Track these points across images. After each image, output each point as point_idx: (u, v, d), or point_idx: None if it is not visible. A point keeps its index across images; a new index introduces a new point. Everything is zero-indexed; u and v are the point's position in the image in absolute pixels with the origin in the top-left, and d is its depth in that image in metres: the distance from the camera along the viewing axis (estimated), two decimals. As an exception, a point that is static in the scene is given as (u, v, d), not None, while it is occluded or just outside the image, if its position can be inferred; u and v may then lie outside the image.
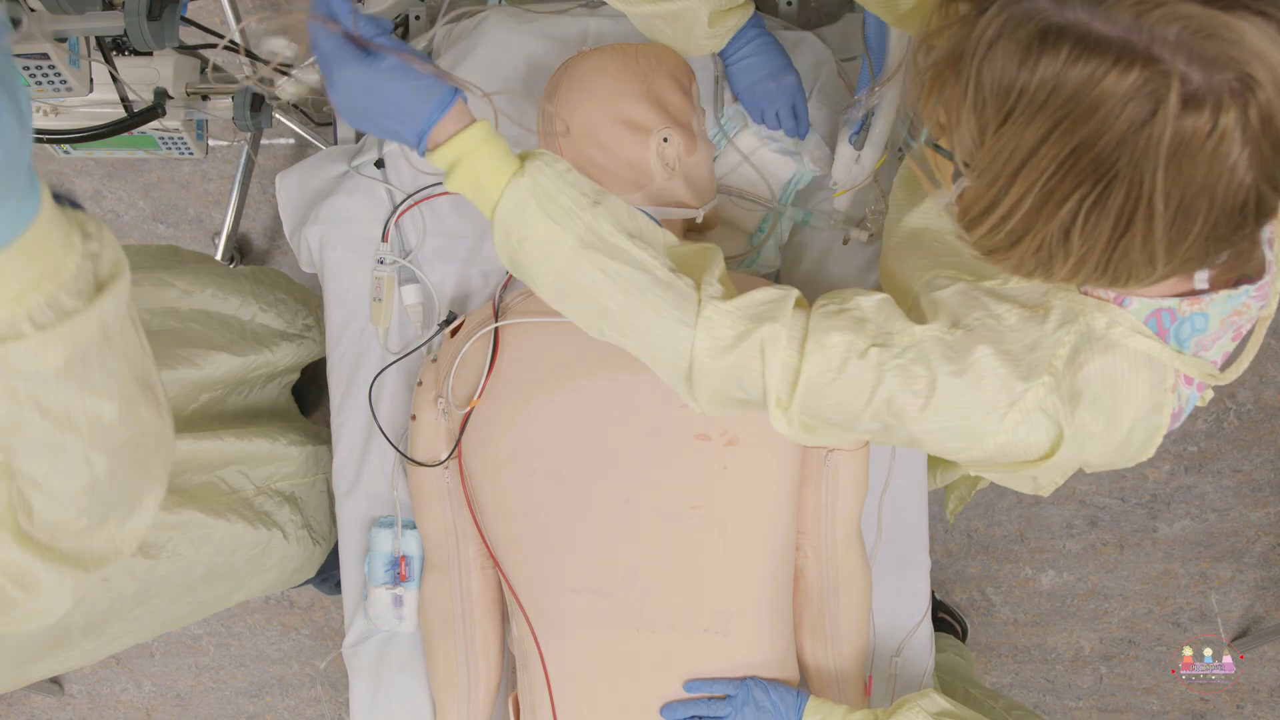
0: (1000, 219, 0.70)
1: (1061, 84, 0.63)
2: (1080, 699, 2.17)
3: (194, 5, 1.88)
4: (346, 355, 1.34)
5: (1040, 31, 0.63)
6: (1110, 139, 0.63)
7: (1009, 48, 0.64)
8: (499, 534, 1.20)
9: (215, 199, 2.12)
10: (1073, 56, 0.62)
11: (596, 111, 1.14)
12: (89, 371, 0.60)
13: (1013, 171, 0.67)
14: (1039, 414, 0.82)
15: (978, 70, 0.66)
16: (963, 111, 0.69)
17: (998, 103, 0.66)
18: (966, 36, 0.67)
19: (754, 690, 1.16)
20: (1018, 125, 0.66)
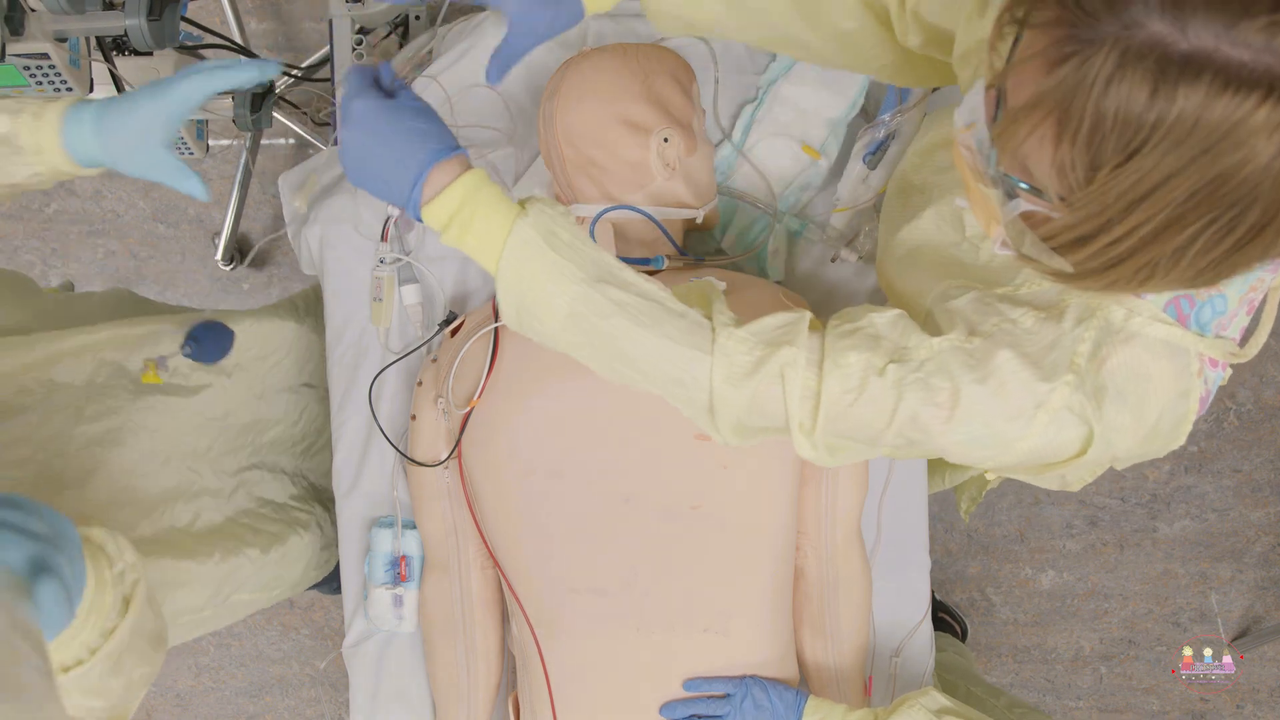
0: (1104, 247, 0.66)
1: (1203, 117, 0.58)
2: (1080, 699, 2.17)
3: (194, 5, 1.88)
4: (346, 355, 1.34)
5: (1170, 62, 0.58)
6: (1254, 168, 0.59)
7: (1134, 82, 0.59)
8: (499, 534, 1.20)
9: (215, 199, 2.13)
10: (1214, 89, 0.57)
11: (597, 111, 1.14)
12: (121, 660, 0.78)
13: (1130, 204, 0.63)
14: (1066, 413, 0.81)
15: (1095, 108, 0.60)
16: (1068, 150, 0.63)
17: (1121, 140, 0.61)
18: (1076, 72, 0.61)
19: (753, 689, 1.16)
20: (1146, 160, 0.61)
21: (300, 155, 2.12)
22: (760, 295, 1.20)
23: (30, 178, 0.90)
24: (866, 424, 0.86)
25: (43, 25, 1.16)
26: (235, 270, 2.12)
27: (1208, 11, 0.56)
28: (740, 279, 1.20)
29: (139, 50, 1.25)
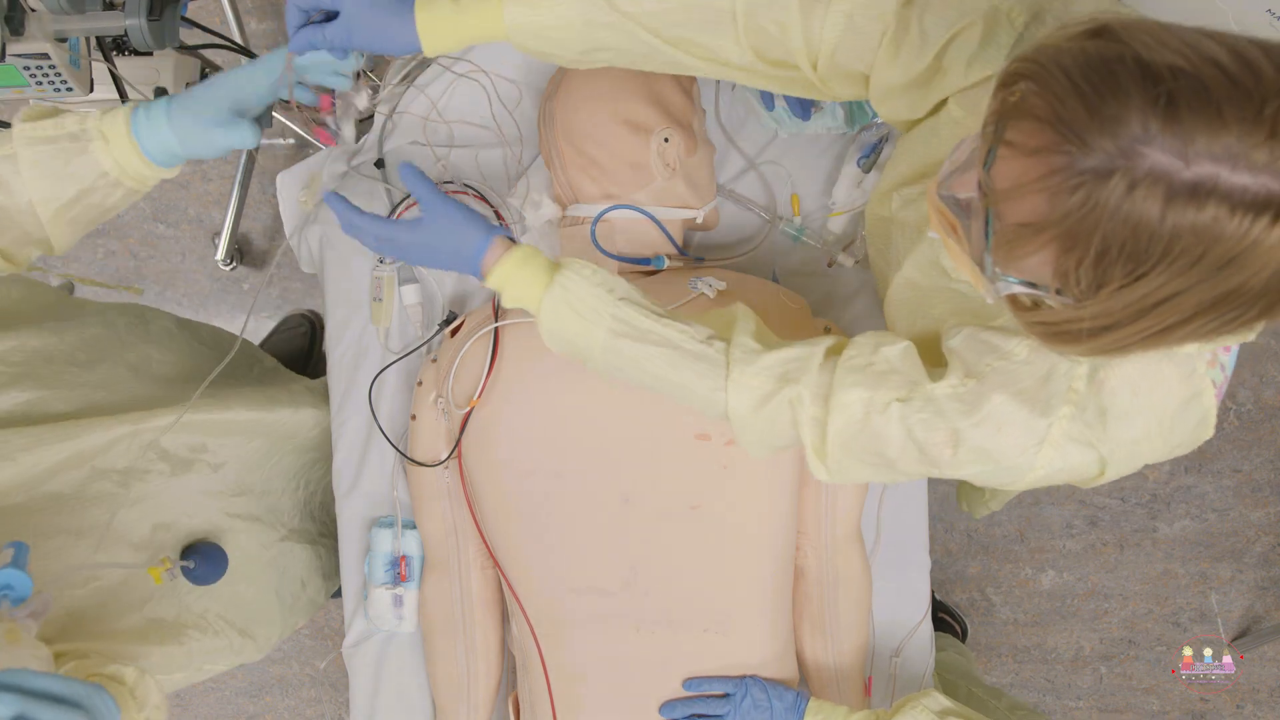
0: (1109, 344, 0.67)
1: (1214, 240, 0.58)
2: (1080, 699, 2.17)
3: (194, 5, 1.88)
4: (346, 355, 1.34)
5: (1177, 191, 0.58)
6: (1259, 280, 0.60)
7: (1141, 211, 0.59)
8: (499, 534, 1.20)
9: (215, 199, 2.12)
10: (1221, 214, 0.58)
11: (598, 111, 1.14)
12: None
13: (1137, 314, 0.64)
14: (1070, 443, 0.82)
15: (1102, 236, 0.61)
16: (1073, 268, 0.64)
17: (1129, 264, 0.62)
18: (1084, 202, 0.60)
19: (753, 689, 1.16)
20: (1154, 280, 0.61)
21: (300, 155, 2.12)
22: (760, 295, 1.20)
23: (99, 180, 0.92)
24: (876, 452, 0.90)
25: (43, 25, 1.16)
26: (235, 270, 2.12)
27: (1208, 138, 0.57)
28: (740, 279, 1.21)
29: (139, 50, 1.25)
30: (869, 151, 1.22)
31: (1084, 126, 0.59)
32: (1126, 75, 0.59)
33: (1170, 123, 0.57)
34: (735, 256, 1.31)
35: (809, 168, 1.31)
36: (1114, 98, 0.59)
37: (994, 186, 0.65)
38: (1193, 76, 0.58)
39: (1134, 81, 0.58)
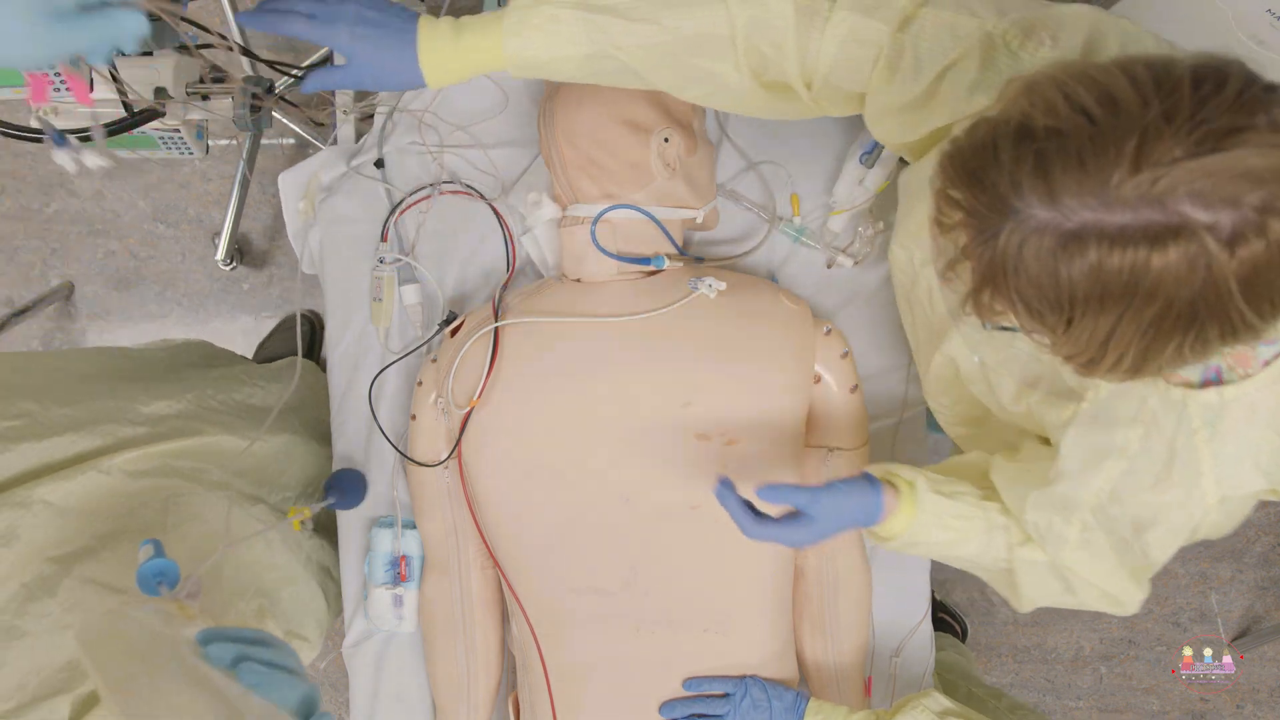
0: (1108, 370, 0.70)
1: (1108, 279, 0.63)
2: (1080, 699, 2.17)
3: (194, 5, 1.88)
4: (346, 355, 1.34)
5: (1060, 242, 0.63)
6: (1182, 302, 0.63)
7: (1038, 262, 0.64)
8: (499, 533, 1.20)
9: (215, 199, 2.12)
10: (1103, 253, 0.62)
11: (598, 111, 1.14)
12: None
13: (1100, 345, 0.67)
14: (1234, 499, 0.85)
15: (1017, 290, 0.66)
16: (1023, 317, 0.69)
17: (1054, 311, 0.66)
18: (990, 262, 0.67)
19: (753, 689, 1.16)
20: (1085, 322, 0.66)
21: (300, 155, 2.12)
22: (760, 296, 1.20)
23: None
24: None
25: (42, 25, 1.16)
26: (235, 270, 2.12)
27: (1074, 188, 0.61)
28: (740, 279, 1.20)
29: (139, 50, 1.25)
30: (870, 148, 1.22)
31: (973, 197, 0.66)
32: (1004, 142, 0.65)
33: (1040, 180, 0.62)
34: (735, 256, 1.31)
35: (809, 167, 1.31)
36: (991, 166, 0.65)
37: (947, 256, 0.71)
38: (1058, 132, 0.62)
39: (1008, 147, 0.64)
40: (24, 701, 0.85)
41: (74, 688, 0.89)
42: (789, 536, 0.99)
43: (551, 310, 1.17)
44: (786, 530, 0.99)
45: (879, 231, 1.28)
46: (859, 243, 1.29)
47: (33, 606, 0.89)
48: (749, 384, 1.14)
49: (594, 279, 1.18)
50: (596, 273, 1.18)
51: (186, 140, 1.58)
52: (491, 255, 1.32)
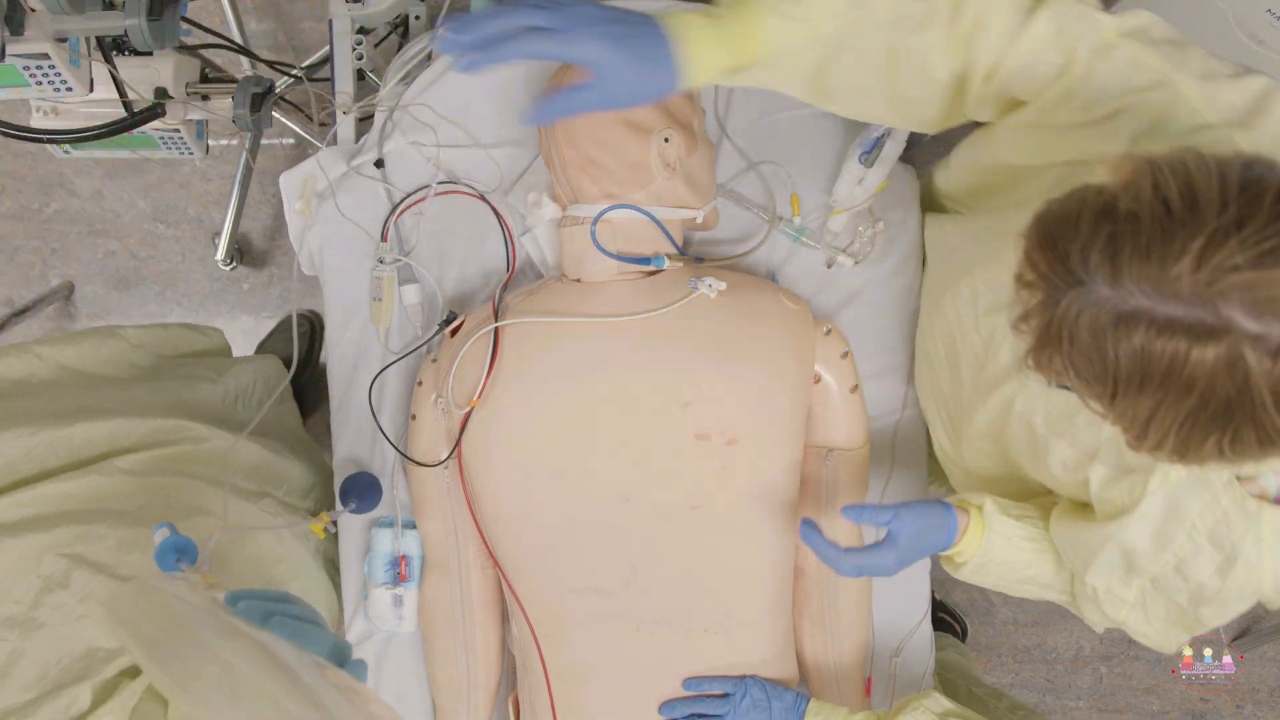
0: (1152, 449, 0.72)
1: (1150, 363, 0.65)
2: (1080, 699, 2.17)
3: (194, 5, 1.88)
4: (346, 355, 1.34)
5: (1114, 320, 0.66)
6: (1218, 402, 0.65)
7: (1090, 335, 0.67)
8: (499, 534, 1.20)
9: (215, 199, 2.12)
10: (1149, 338, 0.64)
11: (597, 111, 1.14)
12: None
13: (1142, 425, 0.70)
14: None
15: (1069, 357, 0.70)
16: (1076, 384, 0.72)
17: (1099, 383, 0.69)
18: (1050, 325, 0.70)
19: (752, 689, 1.16)
20: (1127, 399, 0.68)
21: (300, 155, 2.12)
22: (760, 296, 1.20)
23: None
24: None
25: (43, 25, 1.16)
26: (235, 270, 2.12)
27: (1135, 273, 0.64)
28: (740, 279, 1.21)
29: (139, 50, 1.25)
30: (870, 147, 1.21)
31: (1048, 262, 0.69)
32: (1087, 216, 0.68)
33: (1108, 261, 0.65)
34: (735, 256, 1.31)
35: (809, 167, 1.31)
36: (1071, 237, 0.68)
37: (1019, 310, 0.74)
38: (1136, 217, 0.65)
39: (1089, 222, 0.67)
40: (46, 690, 0.87)
41: (94, 675, 0.90)
42: (876, 563, 1.05)
43: (551, 310, 1.17)
44: (873, 557, 1.04)
45: (878, 231, 1.28)
46: (859, 242, 1.29)
47: (49, 598, 0.90)
48: (749, 384, 1.14)
49: (594, 279, 1.18)
50: (596, 273, 1.18)
51: (186, 140, 1.58)
52: (491, 255, 1.32)
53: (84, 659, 0.90)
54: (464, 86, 1.32)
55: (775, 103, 1.31)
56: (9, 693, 0.85)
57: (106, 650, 0.92)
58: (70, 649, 0.90)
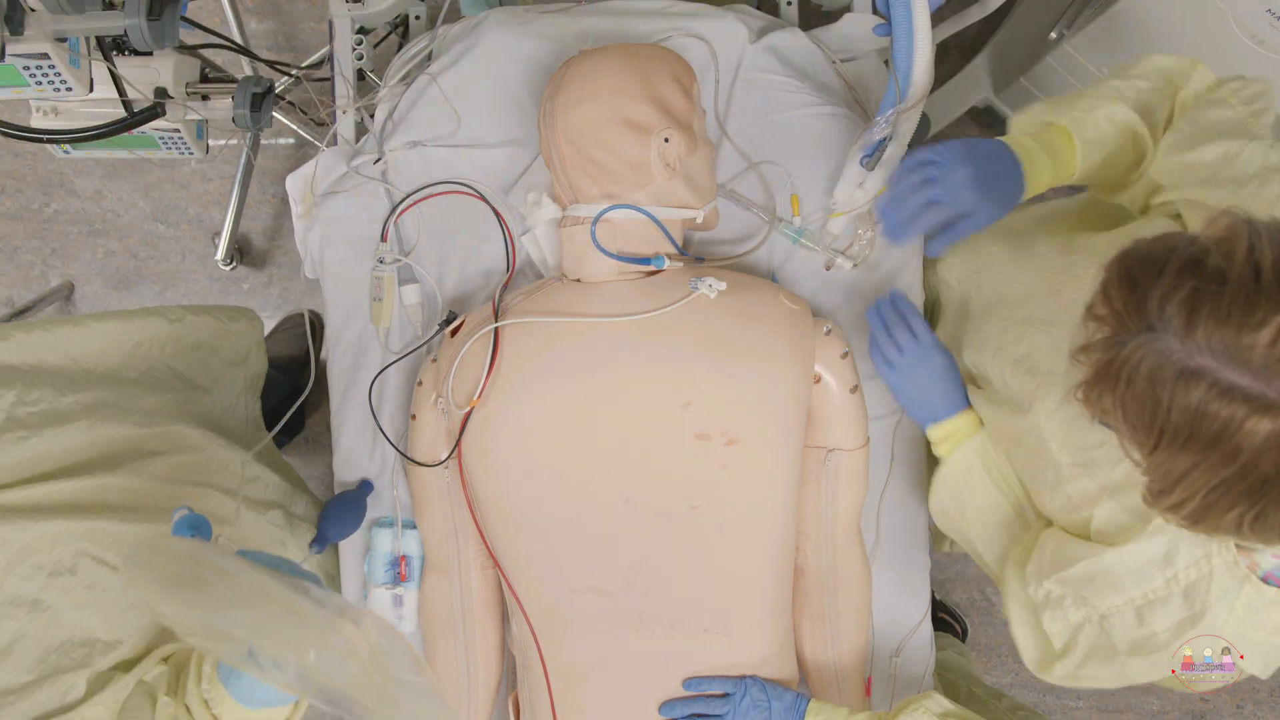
0: (1169, 508, 0.73)
1: (1202, 423, 0.66)
2: (1080, 699, 2.17)
3: (194, 5, 1.88)
4: (346, 355, 1.34)
5: (1177, 372, 0.66)
6: (1257, 477, 0.65)
7: (1148, 381, 0.68)
8: (499, 534, 1.20)
9: (215, 199, 2.13)
10: (1208, 398, 0.65)
11: (597, 111, 1.14)
12: None
13: (1172, 481, 0.70)
14: None
15: (1123, 399, 0.70)
16: (1120, 425, 0.72)
17: (1145, 431, 0.70)
18: (1111, 363, 0.70)
19: (752, 689, 1.16)
20: (1168, 452, 0.69)
21: (300, 155, 2.12)
22: (760, 296, 1.20)
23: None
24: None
25: (43, 25, 1.16)
26: (235, 270, 2.12)
27: (1208, 332, 0.64)
28: (740, 279, 1.21)
29: (139, 50, 1.25)
30: (872, 150, 1.21)
31: (1124, 301, 0.69)
32: (1172, 266, 0.68)
33: (1184, 315, 0.65)
34: (735, 256, 1.31)
35: (809, 168, 1.31)
36: (1152, 282, 0.68)
37: (1082, 340, 0.75)
38: (1223, 277, 0.65)
39: (1174, 273, 0.67)
40: (44, 674, 0.88)
41: (91, 665, 0.91)
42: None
43: (551, 310, 1.17)
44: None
45: (878, 234, 1.28)
46: (857, 245, 1.29)
47: (56, 582, 0.91)
48: (749, 384, 1.14)
49: (594, 279, 1.18)
50: (596, 273, 1.18)
51: (186, 140, 1.58)
52: (491, 255, 1.32)
53: (83, 647, 0.91)
54: (464, 86, 1.32)
55: (775, 103, 1.32)
56: (9, 672, 0.86)
57: (104, 642, 0.93)
58: (71, 635, 0.91)
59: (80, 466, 1.01)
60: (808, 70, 1.35)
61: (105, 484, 1.00)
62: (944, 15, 1.75)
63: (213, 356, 1.35)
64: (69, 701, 0.88)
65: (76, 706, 0.88)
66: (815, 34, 1.39)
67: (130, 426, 1.08)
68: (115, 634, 0.94)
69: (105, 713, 0.89)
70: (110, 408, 1.07)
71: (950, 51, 2.09)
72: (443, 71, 1.32)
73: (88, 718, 0.88)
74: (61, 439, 0.98)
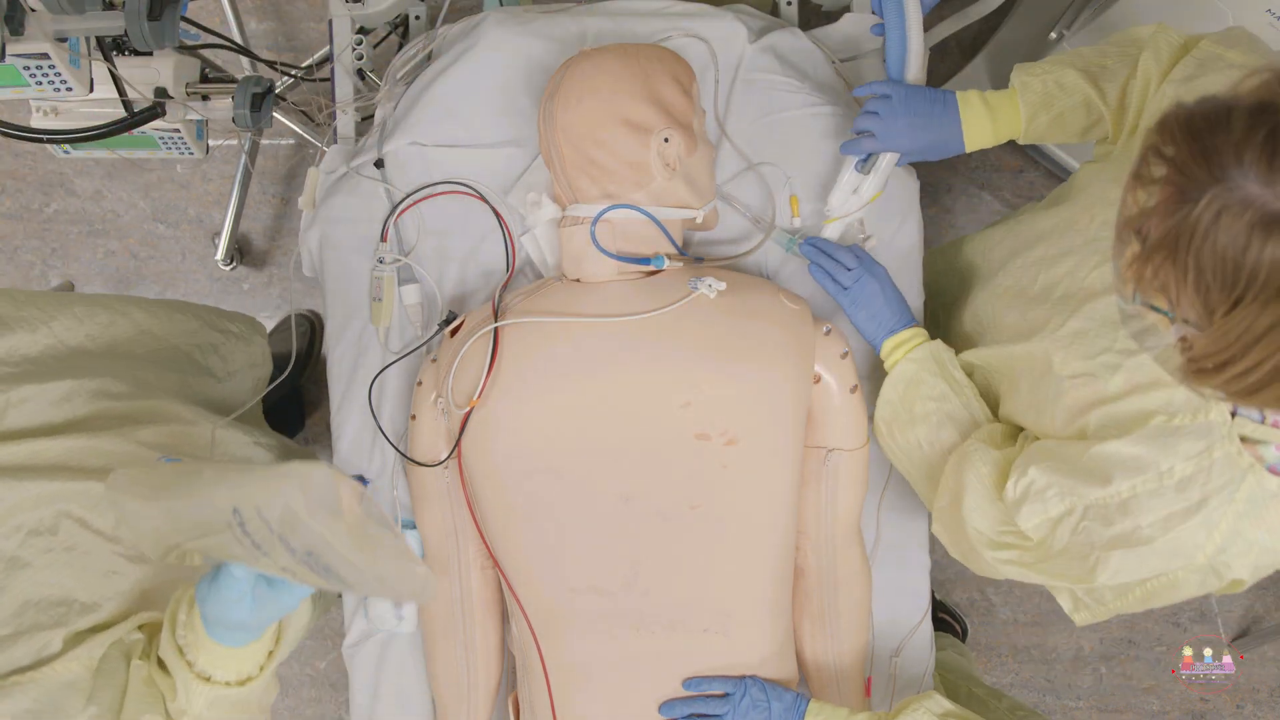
0: (1237, 376, 0.69)
1: None
2: (1080, 699, 2.17)
3: (194, 5, 1.88)
4: (346, 355, 1.34)
5: (1263, 219, 0.62)
6: None
7: (1230, 235, 0.63)
8: (499, 534, 1.20)
9: (215, 199, 2.13)
10: None
11: (597, 111, 1.14)
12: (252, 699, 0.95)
13: (1248, 344, 0.66)
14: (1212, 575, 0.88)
15: (1197, 258, 0.65)
16: (1184, 292, 0.68)
17: (1224, 289, 0.65)
18: (1181, 224, 0.66)
19: (752, 690, 1.16)
20: (1250, 309, 0.65)
21: (300, 155, 2.12)
22: (760, 295, 1.20)
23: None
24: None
25: (43, 25, 1.16)
26: (235, 270, 2.13)
27: None
28: (740, 279, 1.21)
29: (139, 50, 1.25)
30: (867, 155, 1.22)
31: (1188, 159, 0.64)
32: (1239, 113, 0.64)
33: (1265, 154, 0.61)
34: (735, 256, 1.31)
35: (809, 168, 1.31)
36: (1218, 131, 0.64)
37: (1133, 211, 0.71)
38: None
39: (1242, 119, 0.63)
40: (20, 630, 0.89)
41: (67, 624, 0.92)
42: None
43: (551, 310, 1.17)
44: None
45: (870, 247, 1.28)
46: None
47: (36, 541, 0.93)
48: (749, 384, 1.14)
49: (594, 279, 1.18)
50: (596, 273, 1.18)
51: (186, 140, 1.59)
52: (491, 255, 1.32)
53: (60, 606, 0.93)
54: (464, 86, 1.32)
55: (775, 103, 1.32)
56: None
57: (82, 604, 0.95)
58: (48, 594, 0.93)
59: (66, 426, 1.02)
60: (808, 70, 1.35)
61: (93, 446, 1.01)
62: (944, 14, 1.75)
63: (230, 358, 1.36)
64: (45, 656, 0.90)
65: (51, 661, 0.89)
66: (815, 34, 1.39)
67: (118, 388, 1.09)
68: (93, 597, 0.96)
69: (80, 668, 0.90)
70: (98, 371, 1.08)
71: (950, 51, 2.09)
72: (443, 71, 1.32)
73: (62, 672, 0.89)
74: (43, 394, 0.99)
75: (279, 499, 0.69)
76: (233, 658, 0.89)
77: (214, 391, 1.38)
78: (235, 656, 0.89)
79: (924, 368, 1.17)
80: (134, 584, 1.00)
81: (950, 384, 1.16)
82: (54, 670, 0.89)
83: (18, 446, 0.96)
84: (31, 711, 0.85)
